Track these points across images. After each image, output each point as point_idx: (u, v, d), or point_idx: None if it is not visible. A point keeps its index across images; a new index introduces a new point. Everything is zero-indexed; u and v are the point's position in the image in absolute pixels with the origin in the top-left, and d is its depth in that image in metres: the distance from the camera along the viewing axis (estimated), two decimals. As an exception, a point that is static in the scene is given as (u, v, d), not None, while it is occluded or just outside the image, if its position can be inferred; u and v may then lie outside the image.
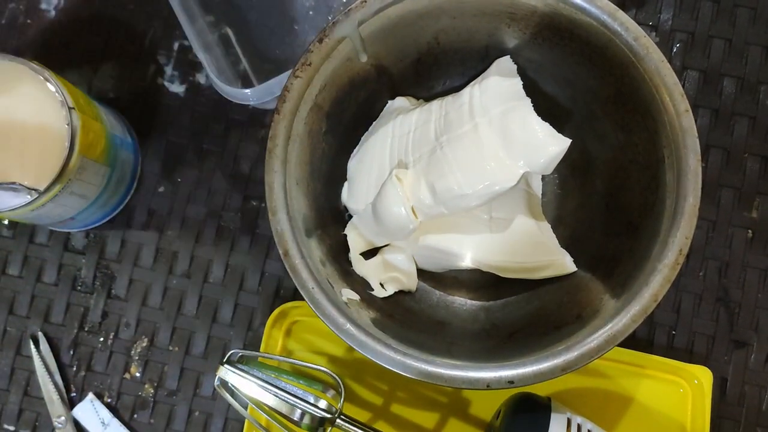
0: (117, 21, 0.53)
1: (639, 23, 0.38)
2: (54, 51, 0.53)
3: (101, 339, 0.50)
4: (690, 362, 0.46)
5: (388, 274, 0.45)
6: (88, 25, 0.53)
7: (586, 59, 0.40)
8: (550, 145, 0.42)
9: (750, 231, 0.49)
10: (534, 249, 0.44)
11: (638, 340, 0.48)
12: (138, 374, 0.49)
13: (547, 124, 0.42)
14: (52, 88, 0.41)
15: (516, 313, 0.44)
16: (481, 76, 0.44)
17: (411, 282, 0.45)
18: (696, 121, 0.36)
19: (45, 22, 0.53)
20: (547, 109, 0.43)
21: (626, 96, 0.39)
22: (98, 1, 0.53)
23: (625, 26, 0.37)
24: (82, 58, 0.52)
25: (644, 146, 0.40)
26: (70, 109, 0.41)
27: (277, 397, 0.40)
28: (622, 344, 0.35)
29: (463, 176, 0.40)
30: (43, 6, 0.53)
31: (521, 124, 0.41)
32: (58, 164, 0.40)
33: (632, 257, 0.39)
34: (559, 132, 0.42)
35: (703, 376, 0.45)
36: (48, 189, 0.40)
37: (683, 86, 0.37)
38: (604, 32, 0.38)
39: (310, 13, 0.54)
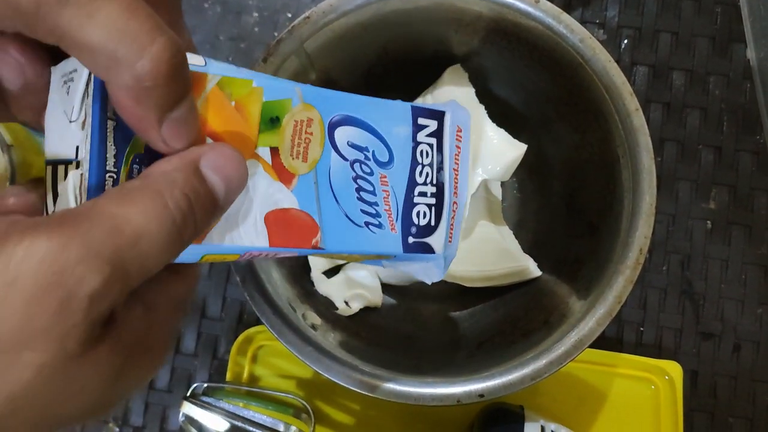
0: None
1: (586, 21, 0.38)
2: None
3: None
4: (659, 357, 0.46)
5: (352, 291, 0.44)
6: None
7: (535, 62, 0.40)
8: (507, 151, 0.41)
9: (709, 222, 0.50)
10: (497, 256, 0.43)
11: (607, 339, 0.48)
12: (100, 413, 0.48)
13: (502, 130, 0.42)
14: (-14, 124, 0.39)
15: (483, 322, 0.44)
16: (433, 85, 0.44)
17: (376, 297, 0.45)
18: (648, 115, 0.36)
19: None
20: (502, 114, 0.43)
21: (578, 97, 0.39)
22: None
23: (571, 28, 0.37)
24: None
25: (599, 146, 0.39)
26: (9, 146, 0.39)
27: (244, 429, 0.39)
28: (592, 345, 0.35)
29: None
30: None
31: (477, 132, 0.41)
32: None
33: (595, 258, 0.39)
34: (515, 136, 0.42)
35: (673, 371, 0.45)
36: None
37: (633, 82, 0.37)
38: (551, 35, 0.37)
39: (256, 29, 0.53)
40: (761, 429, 0.47)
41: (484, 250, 0.43)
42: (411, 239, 0.29)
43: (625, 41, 0.52)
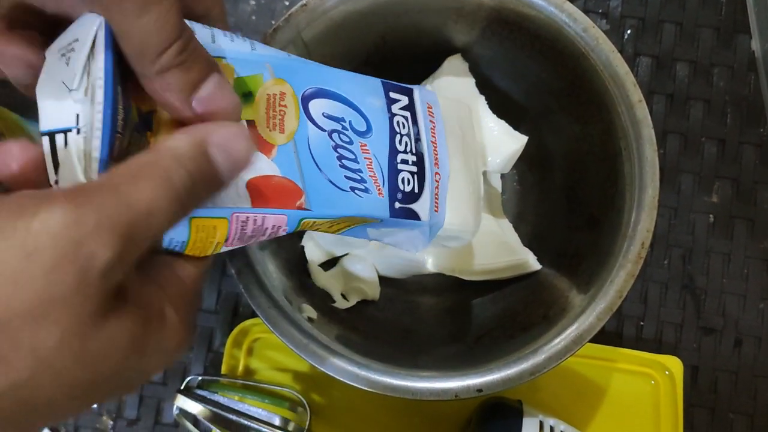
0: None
1: (589, 11, 0.37)
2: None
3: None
4: (660, 352, 0.46)
5: (350, 284, 0.44)
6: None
7: (537, 52, 0.39)
8: (508, 143, 0.41)
9: (711, 216, 0.49)
10: (497, 249, 0.43)
11: (607, 334, 0.48)
12: (94, 406, 0.47)
13: (503, 121, 0.41)
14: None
15: (482, 315, 0.43)
16: (432, 75, 0.43)
17: (373, 290, 0.44)
18: (651, 107, 0.35)
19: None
20: (502, 104, 0.42)
21: (580, 88, 0.39)
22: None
23: (573, 17, 0.36)
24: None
25: (601, 138, 0.39)
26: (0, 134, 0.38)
27: (239, 422, 0.38)
28: (591, 339, 0.34)
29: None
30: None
31: (477, 123, 0.40)
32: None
33: (595, 252, 0.38)
34: (515, 128, 0.41)
35: (673, 366, 0.45)
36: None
37: (636, 73, 0.36)
38: (553, 24, 0.37)
39: (253, 17, 0.52)
40: (762, 425, 0.47)
41: (483, 242, 0.43)
42: (397, 204, 0.30)
43: (629, 31, 0.51)
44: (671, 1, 0.52)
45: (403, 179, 0.31)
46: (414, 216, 0.31)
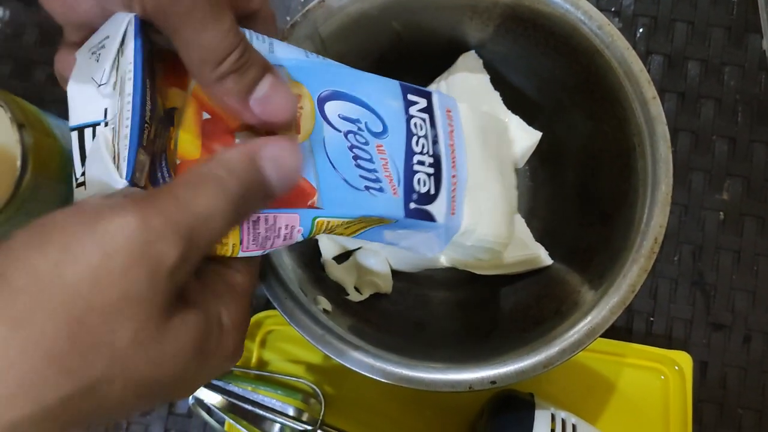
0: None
1: (601, 9, 0.37)
2: (1, 64, 0.51)
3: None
4: (669, 348, 0.46)
5: (363, 278, 0.44)
6: (35, 35, 0.51)
7: (551, 49, 0.40)
8: (522, 138, 0.41)
9: (722, 213, 0.50)
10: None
11: (617, 329, 0.48)
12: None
13: (517, 117, 0.42)
14: (-1, 104, 0.39)
15: (494, 310, 0.44)
16: (446, 71, 0.44)
17: (386, 284, 0.44)
18: (663, 105, 0.36)
19: (-9, 34, 0.51)
20: (515, 101, 0.43)
21: (593, 85, 0.39)
22: (44, 11, 0.51)
23: (589, 14, 0.36)
24: (30, 69, 0.50)
25: (614, 135, 0.39)
26: (20, 126, 0.39)
27: (254, 412, 0.39)
28: (602, 334, 0.35)
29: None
30: (-12, 18, 0.51)
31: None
32: (10, 186, 0.38)
33: (607, 248, 0.38)
34: (529, 124, 0.42)
35: (683, 362, 0.45)
36: (1, 211, 0.38)
37: (648, 71, 0.36)
38: (568, 21, 0.37)
39: (268, 13, 0.52)
40: (770, 421, 0.47)
41: (496, 237, 0.43)
42: (413, 205, 0.30)
43: (641, 30, 0.51)
44: (683, 0, 0.52)
45: (419, 180, 0.31)
46: (429, 217, 0.31)
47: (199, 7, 0.22)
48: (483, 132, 0.38)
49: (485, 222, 0.37)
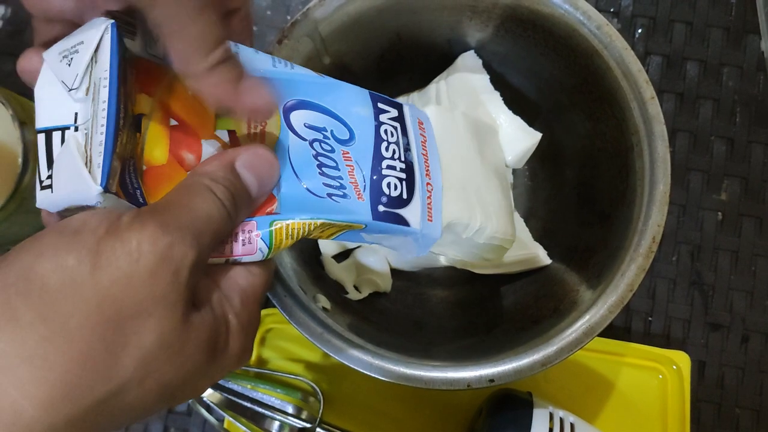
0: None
1: (600, 10, 0.37)
2: (2, 62, 0.51)
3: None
4: (667, 347, 0.46)
5: (362, 276, 0.44)
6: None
7: (550, 50, 0.40)
8: (522, 139, 0.41)
9: (720, 213, 0.50)
10: (507, 243, 0.43)
11: (616, 329, 0.48)
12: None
13: (518, 118, 0.42)
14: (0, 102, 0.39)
15: (493, 309, 0.44)
16: (446, 71, 0.44)
17: (385, 283, 0.45)
18: (661, 106, 0.36)
19: (-8, 33, 0.51)
20: (514, 101, 0.43)
21: (592, 85, 0.39)
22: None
23: (588, 15, 0.36)
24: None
25: (612, 134, 0.39)
26: (21, 123, 0.39)
27: (253, 409, 0.39)
28: (600, 333, 0.35)
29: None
30: (-11, 16, 0.51)
31: (492, 119, 0.41)
32: (11, 183, 0.38)
33: (606, 247, 0.38)
34: (528, 124, 0.42)
35: (681, 361, 0.45)
36: (2, 208, 0.38)
37: (647, 72, 0.37)
38: (567, 22, 0.37)
39: (268, 12, 0.53)
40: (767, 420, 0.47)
41: (495, 237, 0.43)
42: (382, 207, 0.30)
43: (639, 30, 0.52)
44: (682, 1, 0.52)
45: (389, 184, 0.30)
46: (402, 221, 0.30)
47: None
48: (477, 136, 0.39)
49: (495, 220, 0.37)
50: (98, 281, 0.19)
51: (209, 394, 0.40)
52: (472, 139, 0.39)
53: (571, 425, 0.39)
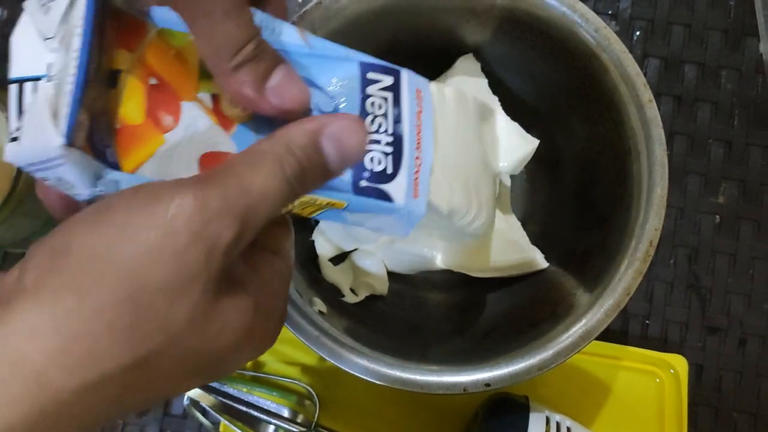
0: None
1: (598, 13, 0.37)
2: (-1, 64, 0.51)
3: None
4: (665, 351, 0.46)
5: (359, 279, 0.44)
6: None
7: (548, 53, 0.40)
8: (520, 145, 0.41)
9: (717, 216, 0.50)
10: (504, 247, 0.43)
11: (613, 332, 0.48)
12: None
13: (516, 123, 0.42)
14: (-5, 104, 0.39)
15: (490, 312, 0.44)
16: (444, 74, 0.44)
17: (382, 286, 0.44)
18: (659, 108, 0.36)
19: (-12, 34, 0.51)
20: (513, 104, 0.43)
21: (590, 88, 0.39)
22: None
23: (585, 18, 0.36)
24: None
25: (610, 138, 0.39)
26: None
27: (248, 413, 0.39)
28: (597, 337, 0.35)
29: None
30: (-15, 17, 0.51)
31: (490, 124, 0.41)
32: (7, 184, 0.38)
33: (603, 251, 0.38)
34: (526, 128, 0.42)
35: (678, 365, 0.45)
36: (-3, 211, 0.38)
37: (645, 74, 0.36)
38: (565, 25, 0.37)
39: (266, 14, 0.53)
40: (765, 424, 0.47)
41: (492, 240, 0.43)
42: (363, 183, 0.29)
43: (638, 33, 0.52)
44: (680, 4, 0.52)
45: (372, 158, 0.29)
46: (385, 197, 0.29)
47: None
48: (479, 119, 0.38)
49: (485, 211, 0.37)
50: (119, 257, 0.19)
51: (205, 398, 0.40)
52: (476, 123, 0.38)
53: (568, 429, 0.39)
